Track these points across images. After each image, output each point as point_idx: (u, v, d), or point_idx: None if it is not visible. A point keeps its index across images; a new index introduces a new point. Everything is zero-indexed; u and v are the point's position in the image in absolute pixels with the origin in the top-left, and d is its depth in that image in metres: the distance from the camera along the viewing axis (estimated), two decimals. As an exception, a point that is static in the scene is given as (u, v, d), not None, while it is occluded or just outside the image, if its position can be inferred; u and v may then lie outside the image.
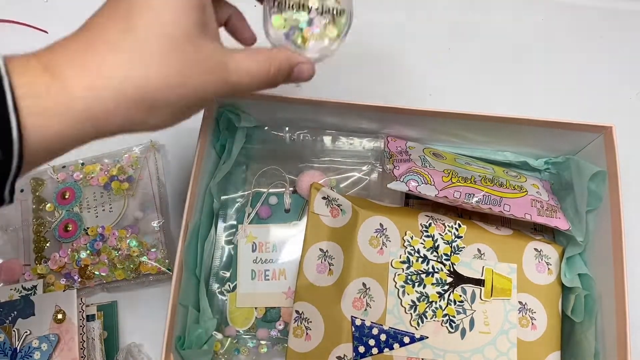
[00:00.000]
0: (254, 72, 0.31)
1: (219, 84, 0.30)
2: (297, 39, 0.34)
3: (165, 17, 0.27)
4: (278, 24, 0.33)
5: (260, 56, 0.31)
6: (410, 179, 0.46)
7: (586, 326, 0.45)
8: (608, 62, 0.62)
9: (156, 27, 0.27)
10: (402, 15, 0.64)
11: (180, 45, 0.27)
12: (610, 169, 0.46)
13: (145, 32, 0.26)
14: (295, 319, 0.45)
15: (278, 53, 0.32)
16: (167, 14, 0.27)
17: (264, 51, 0.32)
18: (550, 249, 0.48)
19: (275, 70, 0.32)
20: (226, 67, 0.30)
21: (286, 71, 0.33)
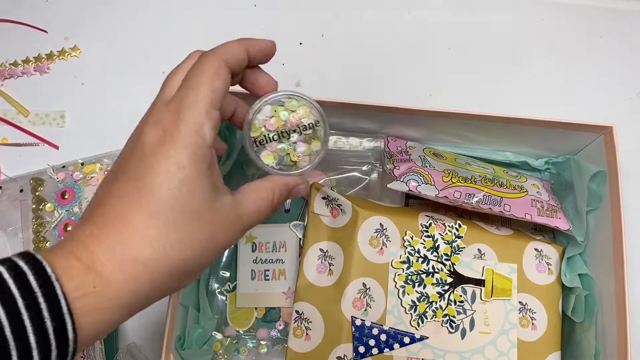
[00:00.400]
0: (261, 210, 0.33)
1: (237, 234, 0.31)
2: (288, 162, 0.36)
3: (181, 192, 0.28)
4: (268, 160, 0.36)
5: (264, 192, 0.33)
6: (411, 178, 0.46)
7: (586, 326, 0.45)
8: (608, 62, 0.62)
9: (176, 204, 0.27)
10: (402, 15, 0.64)
11: (202, 214, 0.28)
12: (610, 169, 0.46)
13: (167, 213, 0.27)
14: (295, 319, 0.45)
15: (276, 181, 0.34)
16: (182, 190, 0.28)
17: (266, 184, 0.34)
18: (551, 249, 0.48)
19: (277, 199, 0.34)
20: (240, 217, 0.31)
21: (285, 195, 0.35)
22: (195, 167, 0.28)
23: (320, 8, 0.64)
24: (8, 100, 0.59)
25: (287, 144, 0.36)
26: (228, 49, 0.32)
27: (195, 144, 0.28)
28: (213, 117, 0.29)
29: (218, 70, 0.30)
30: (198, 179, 0.28)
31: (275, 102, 0.36)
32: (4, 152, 0.57)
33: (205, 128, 0.28)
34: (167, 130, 0.28)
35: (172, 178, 0.27)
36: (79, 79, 0.60)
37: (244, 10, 0.64)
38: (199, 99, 0.29)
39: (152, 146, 0.28)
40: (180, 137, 0.28)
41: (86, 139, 0.57)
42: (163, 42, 0.62)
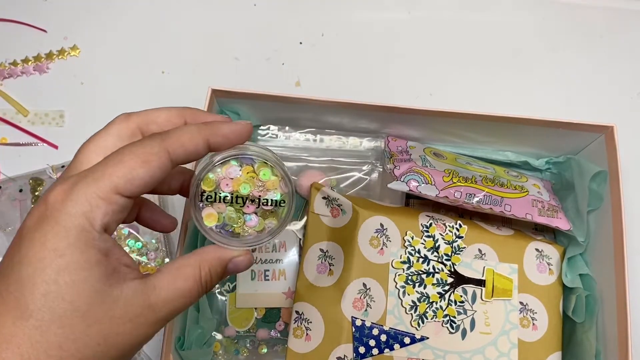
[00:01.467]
0: (184, 292, 0.27)
1: (149, 329, 0.26)
2: (232, 230, 0.31)
3: (59, 285, 0.23)
4: (209, 220, 0.30)
5: (187, 269, 0.28)
6: (411, 178, 0.46)
7: (587, 326, 0.45)
8: (608, 62, 0.62)
9: (54, 300, 0.23)
10: (402, 14, 0.64)
11: (91, 310, 0.24)
12: (611, 169, 0.45)
13: (42, 311, 0.23)
14: (295, 320, 0.45)
15: (206, 254, 0.29)
16: (60, 281, 0.23)
17: (190, 260, 0.28)
18: (551, 249, 0.48)
19: (206, 275, 0.29)
20: (152, 306, 0.26)
21: (219, 271, 0.30)
22: (80, 254, 0.24)
23: (320, 8, 0.64)
24: (7, 100, 0.59)
25: (237, 212, 0.30)
26: (179, 138, 0.27)
27: (80, 227, 0.24)
28: (113, 202, 0.25)
29: (150, 159, 0.26)
30: (84, 268, 0.24)
31: (245, 160, 0.30)
32: (3, 152, 0.57)
33: (97, 212, 0.24)
34: (52, 207, 0.24)
35: (47, 267, 0.23)
36: (79, 78, 0.60)
37: (244, 10, 0.64)
38: (105, 179, 0.25)
39: (31, 227, 0.24)
40: (62, 218, 0.24)
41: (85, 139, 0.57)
42: (163, 42, 0.62)
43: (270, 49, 0.62)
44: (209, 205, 0.30)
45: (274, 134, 0.54)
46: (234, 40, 0.62)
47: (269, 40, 0.62)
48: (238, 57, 0.62)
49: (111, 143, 0.28)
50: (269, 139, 0.54)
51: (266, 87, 0.48)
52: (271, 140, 0.54)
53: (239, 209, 0.30)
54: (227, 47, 0.62)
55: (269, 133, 0.54)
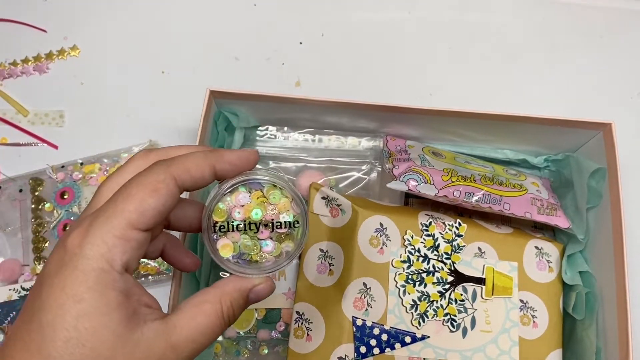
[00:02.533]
0: (206, 330, 0.27)
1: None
2: (249, 258, 0.30)
3: (79, 331, 0.23)
4: (225, 252, 0.29)
5: (207, 305, 0.27)
6: (410, 178, 0.46)
7: (587, 323, 0.45)
8: (608, 62, 0.62)
9: (75, 347, 0.23)
10: (402, 14, 0.64)
11: (113, 354, 0.24)
12: (610, 166, 0.46)
13: (64, 359, 0.23)
14: (295, 320, 0.45)
15: (226, 288, 0.28)
16: (80, 328, 0.23)
17: (209, 296, 0.28)
18: (551, 246, 0.48)
19: (228, 309, 0.28)
20: (174, 346, 0.26)
21: (241, 302, 0.29)
22: (100, 298, 0.23)
23: (320, 8, 0.64)
24: (7, 100, 0.59)
25: (252, 239, 0.30)
26: (184, 164, 0.27)
27: (99, 270, 0.24)
28: (131, 239, 0.25)
29: (158, 187, 0.26)
30: (104, 312, 0.23)
31: (254, 185, 0.30)
32: (3, 152, 0.57)
33: (115, 251, 0.24)
34: (70, 252, 0.24)
35: (67, 313, 0.23)
36: (79, 78, 0.60)
37: (244, 10, 0.64)
38: (117, 215, 0.24)
39: (50, 273, 0.24)
40: (80, 262, 0.24)
41: (85, 139, 0.57)
42: (163, 42, 0.62)
43: (270, 49, 0.62)
44: (223, 235, 0.29)
45: (273, 135, 0.54)
46: (234, 40, 0.62)
47: (269, 40, 0.62)
48: (238, 57, 0.62)
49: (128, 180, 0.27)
50: (267, 139, 0.54)
51: (266, 87, 0.48)
52: (270, 141, 0.54)
53: (254, 236, 0.30)
54: (227, 47, 0.62)
55: (268, 134, 0.54)
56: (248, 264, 0.30)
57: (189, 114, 0.54)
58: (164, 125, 0.58)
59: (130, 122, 0.59)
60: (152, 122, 0.58)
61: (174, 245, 0.33)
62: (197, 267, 0.35)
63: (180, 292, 0.45)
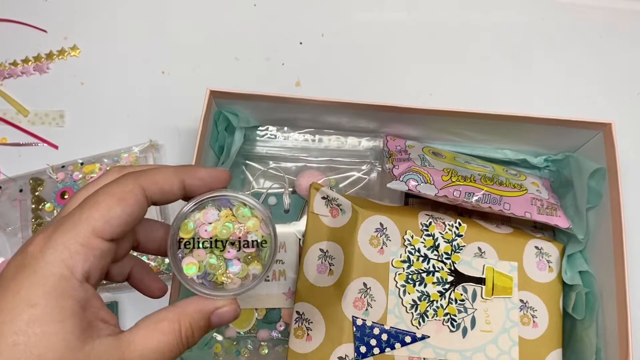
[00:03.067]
0: (162, 348, 0.26)
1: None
2: (214, 280, 0.29)
3: (29, 337, 0.22)
4: (190, 270, 0.28)
5: (165, 323, 0.26)
6: (410, 178, 0.46)
7: (587, 323, 0.45)
8: (608, 62, 0.62)
9: (23, 354, 0.22)
10: (401, 14, 0.64)
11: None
12: (610, 166, 0.46)
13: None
14: (296, 320, 0.45)
15: (187, 308, 0.27)
16: (30, 334, 0.22)
17: (169, 313, 0.27)
18: (551, 246, 0.48)
19: (187, 330, 0.27)
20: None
21: (202, 325, 0.28)
22: (55, 304, 0.23)
23: (320, 8, 0.64)
24: (7, 100, 0.59)
25: (218, 259, 0.29)
26: (154, 176, 0.27)
27: (58, 275, 0.23)
28: (94, 247, 0.24)
29: (125, 196, 0.25)
30: (57, 319, 0.22)
31: (223, 203, 0.29)
32: (3, 152, 0.57)
33: (76, 258, 0.23)
34: (31, 256, 0.23)
35: (17, 317, 0.22)
36: (79, 78, 0.60)
37: (244, 10, 0.64)
38: (82, 222, 0.24)
39: (7, 276, 0.23)
40: (39, 266, 0.23)
41: (85, 139, 0.57)
42: (163, 42, 0.62)
43: (270, 49, 0.62)
44: (189, 253, 0.28)
45: (273, 135, 0.54)
46: (234, 40, 0.62)
47: (269, 40, 0.62)
48: (238, 57, 0.62)
49: None
50: (267, 139, 0.54)
51: (266, 87, 0.48)
52: (270, 141, 0.54)
53: (220, 255, 0.29)
54: (227, 47, 0.62)
55: (268, 134, 0.54)
56: (214, 285, 0.29)
57: (189, 114, 0.54)
58: (164, 125, 0.58)
59: (130, 122, 0.59)
60: (152, 122, 0.58)
61: (142, 269, 0.33)
62: (163, 293, 0.33)
63: (181, 292, 0.45)
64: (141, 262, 0.33)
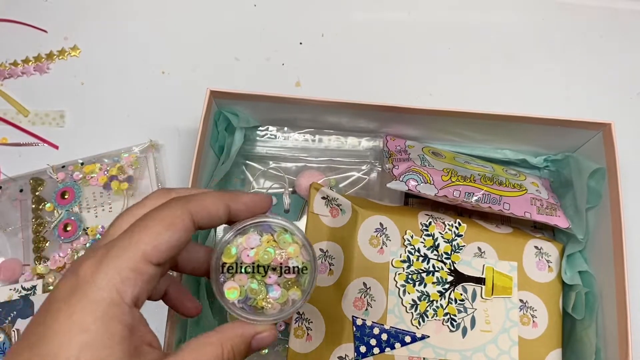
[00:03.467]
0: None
1: None
2: (254, 304, 0.29)
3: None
4: (232, 295, 0.29)
5: (209, 348, 0.27)
6: (410, 178, 0.46)
7: (587, 323, 0.45)
8: (608, 62, 0.62)
9: None
10: (401, 15, 0.64)
11: None
12: (609, 166, 0.46)
13: None
14: (295, 320, 0.45)
15: (228, 332, 0.28)
16: (82, 359, 0.23)
17: (212, 338, 0.27)
18: (551, 246, 0.48)
19: (229, 353, 0.28)
20: None
21: (242, 348, 0.29)
22: (105, 330, 0.23)
23: (320, 8, 0.64)
24: (8, 100, 0.59)
25: (259, 284, 0.29)
26: (201, 202, 0.27)
27: (108, 301, 0.23)
28: (144, 272, 0.25)
29: (174, 221, 0.26)
30: (107, 345, 0.23)
31: (265, 229, 0.30)
32: (3, 152, 0.57)
33: (127, 283, 0.24)
34: (82, 280, 0.24)
35: (70, 342, 0.23)
36: (79, 78, 0.60)
37: (244, 10, 0.64)
38: (132, 247, 0.25)
39: (58, 298, 0.24)
40: (91, 290, 0.23)
41: (86, 139, 0.57)
42: (163, 42, 0.62)
43: (270, 49, 0.62)
44: (231, 277, 0.29)
45: (273, 135, 0.54)
46: (234, 40, 0.62)
47: (269, 40, 0.62)
48: (238, 57, 0.62)
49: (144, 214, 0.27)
50: (267, 139, 0.54)
51: (266, 88, 0.48)
52: (270, 141, 0.54)
53: (261, 280, 0.29)
54: (227, 47, 0.62)
55: (268, 134, 0.54)
56: (254, 310, 0.29)
57: (189, 114, 0.54)
58: (164, 125, 0.58)
59: (130, 122, 0.59)
60: (152, 122, 0.58)
61: (177, 288, 0.33)
62: (198, 312, 0.34)
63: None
64: (176, 281, 0.33)
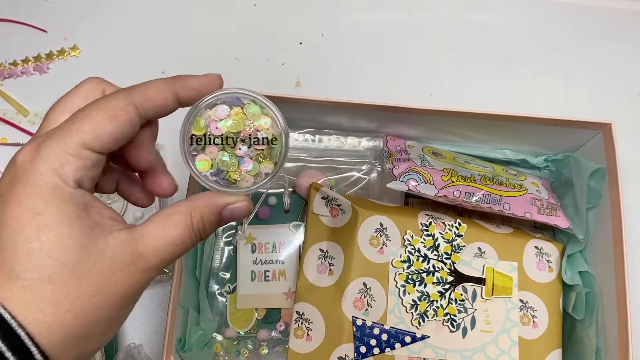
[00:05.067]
0: (175, 239, 0.26)
1: (141, 276, 0.25)
2: (226, 177, 0.29)
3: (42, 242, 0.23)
4: (202, 167, 0.29)
5: (177, 216, 0.27)
6: (410, 178, 0.46)
7: (587, 323, 0.45)
8: (608, 62, 0.62)
9: (38, 259, 0.22)
10: (401, 14, 0.64)
11: (79, 263, 0.23)
12: (609, 166, 0.46)
13: (28, 271, 0.22)
14: (296, 320, 0.45)
15: (198, 200, 0.28)
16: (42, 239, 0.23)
17: (181, 207, 0.27)
18: (551, 246, 0.48)
19: (198, 222, 0.27)
20: (141, 254, 0.25)
21: (213, 219, 0.28)
22: (58, 210, 0.23)
23: (320, 8, 0.64)
24: (7, 100, 0.59)
25: (230, 156, 0.29)
26: (145, 92, 0.27)
27: (52, 185, 0.23)
28: (84, 157, 0.24)
29: (117, 113, 0.25)
30: (65, 223, 0.23)
31: (232, 101, 0.29)
32: (3, 152, 0.57)
33: (67, 168, 0.24)
34: (22, 168, 0.24)
35: (26, 225, 0.23)
36: (79, 78, 0.59)
37: (244, 10, 0.64)
38: (72, 134, 0.24)
39: (2, 190, 0.24)
40: (33, 177, 0.23)
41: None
42: (163, 42, 0.62)
43: (270, 49, 0.62)
44: (201, 149, 0.29)
45: (274, 134, 0.54)
46: (234, 40, 0.62)
47: (269, 40, 0.62)
48: (238, 57, 0.62)
49: (79, 103, 0.27)
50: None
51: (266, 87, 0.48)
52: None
53: (232, 153, 0.29)
54: (227, 47, 0.62)
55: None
56: (227, 183, 0.29)
57: (189, 114, 0.54)
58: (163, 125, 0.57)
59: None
60: (152, 122, 0.58)
61: (129, 179, 0.32)
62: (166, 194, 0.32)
63: (181, 293, 0.45)
64: (126, 172, 0.32)
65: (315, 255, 0.47)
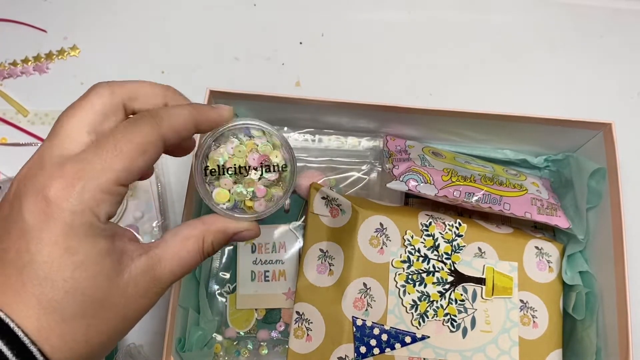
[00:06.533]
0: (187, 263, 0.29)
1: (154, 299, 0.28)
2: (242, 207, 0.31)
3: (78, 280, 0.24)
4: (221, 199, 0.31)
5: (192, 242, 0.29)
6: (410, 178, 0.46)
7: (587, 323, 0.45)
8: (608, 62, 0.62)
9: (74, 296, 0.24)
10: (401, 14, 0.64)
11: (110, 297, 0.25)
12: (610, 166, 0.46)
13: (64, 307, 0.24)
14: (295, 320, 0.45)
15: (211, 225, 0.30)
16: (77, 277, 0.24)
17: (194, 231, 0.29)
18: (551, 246, 0.48)
19: (208, 247, 0.30)
20: (157, 278, 0.27)
21: (222, 243, 0.31)
22: (91, 248, 0.24)
23: (320, 8, 0.64)
24: (7, 100, 0.59)
25: (244, 187, 0.31)
26: (173, 124, 0.27)
27: (88, 225, 0.24)
28: (116, 194, 0.25)
29: (148, 148, 0.26)
30: (97, 261, 0.25)
31: (242, 132, 0.31)
32: (3, 152, 0.57)
33: (101, 207, 0.25)
34: (53, 203, 0.24)
35: (63, 266, 0.24)
36: (79, 78, 0.60)
37: (244, 10, 0.64)
38: (106, 172, 0.25)
39: (35, 226, 0.24)
40: (70, 217, 0.24)
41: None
42: (163, 42, 0.62)
43: (270, 49, 0.62)
44: (215, 179, 0.31)
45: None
46: (234, 40, 0.62)
47: (269, 40, 0.62)
48: (238, 57, 0.62)
49: (98, 120, 0.27)
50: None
51: (266, 87, 0.48)
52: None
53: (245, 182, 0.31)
54: (227, 47, 0.62)
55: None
56: (240, 212, 0.31)
57: (189, 114, 0.54)
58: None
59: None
60: (152, 122, 0.58)
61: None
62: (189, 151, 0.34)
63: (180, 293, 0.45)
64: None
65: (315, 255, 0.47)
